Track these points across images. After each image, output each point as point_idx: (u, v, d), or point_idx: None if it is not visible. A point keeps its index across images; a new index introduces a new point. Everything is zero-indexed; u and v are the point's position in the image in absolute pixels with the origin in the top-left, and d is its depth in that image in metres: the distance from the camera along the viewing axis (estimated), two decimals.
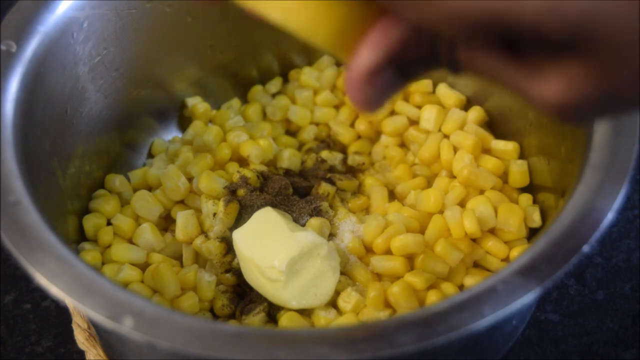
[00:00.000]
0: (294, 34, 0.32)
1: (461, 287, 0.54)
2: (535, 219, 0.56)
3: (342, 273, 0.55)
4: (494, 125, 0.63)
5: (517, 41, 0.27)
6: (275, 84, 0.69)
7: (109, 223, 0.59)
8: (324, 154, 0.63)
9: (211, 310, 0.56)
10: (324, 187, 0.59)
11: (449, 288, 0.53)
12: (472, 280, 0.54)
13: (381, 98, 0.32)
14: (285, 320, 0.52)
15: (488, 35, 0.27)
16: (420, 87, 0.65)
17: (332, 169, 0.63)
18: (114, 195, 0.60)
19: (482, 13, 0.26)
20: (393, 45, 0.30)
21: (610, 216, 0.42)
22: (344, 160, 0.64)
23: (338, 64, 0.69)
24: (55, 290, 0.40)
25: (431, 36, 0.30)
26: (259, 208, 0.56)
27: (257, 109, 0.67)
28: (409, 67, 0.31)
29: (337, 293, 0.54)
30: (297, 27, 0.32)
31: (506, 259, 0.55)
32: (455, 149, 0.60)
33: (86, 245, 0.57)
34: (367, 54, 0.30)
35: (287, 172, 0.62)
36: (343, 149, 0.65)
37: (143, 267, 0.56)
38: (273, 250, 0.52)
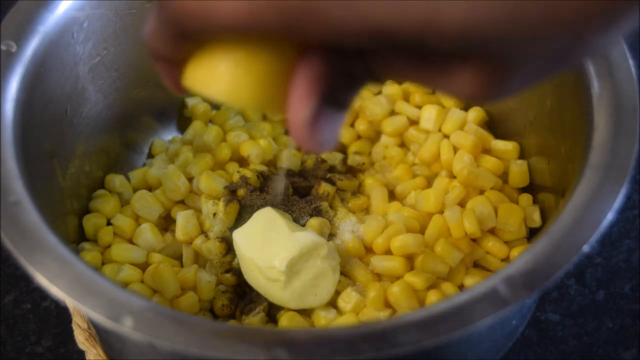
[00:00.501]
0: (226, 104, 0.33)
1: (461, 287, 0.54)
2: (535, 219, 0.56)
3: (342, 273, 0.55)
4: (494, 125, 0.63)
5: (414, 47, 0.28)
6: None
7: (109, 223, 0.59)
8: (324, 154, 0.63)
9: (211, 310, 0.56)
10: (324, 187, 0.59)
11: (449, 288, 0.53)
12: (472, 280, 0.54)
13: (331, 135, 0.32)
14: (285, 320, 0.52)
15: (387, 45, 0.28)
16: (420, 87, 0.65)
17: (332, 169, 0.63)
18: (114, 195, 0.60)
19: (370, 27, 0.27)
20: (319, 84, 0.30)
21: (610, 216, 0.42)
22: (344, 160, 0.64)
23: None
24: (55, 290, 0.40)
25: (344, 58, 0.31)
26: (259, 208, 0.56)
27: None
28: (341, 96, 0.32)
29: (337, 293, 0.54)
30: (223, 99, 0.32)
31: (506, 259, 0.55)
32: (455, 149, 0.60)
33: (86, 245, 0.57)
34: (301, 104, 0.31)
35: (287, 172, 0.62)
36: (343, 149, 0.65)
37: (143, 267, 0.56)
38: (273, 250, 0.52)
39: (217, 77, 0.32)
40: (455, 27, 0.26)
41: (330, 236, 0.57)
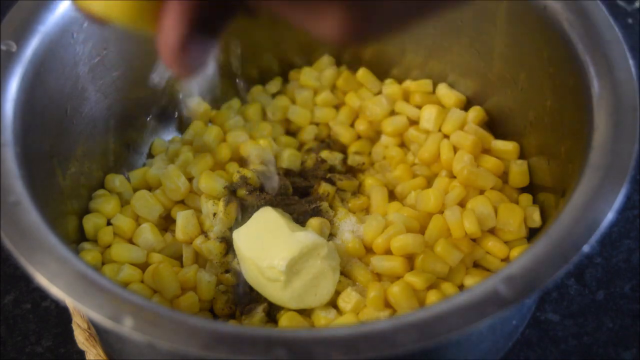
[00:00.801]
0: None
1: (461, 287, 0.54)
2: (535, 219, 0.56)
3: (342, 273, 0.55)
4: (494, 125, 0.63)
5: None
6: (275, 84, 0.69)
7: (109, 223, 0.59)
8: (324, 154, 0.63)
9: (211, 310, 0.56)
10: (324, 187, 0.59)
11: (449, 288, 0.53)
12: (472, 280, 0.54)
13: (200, 61, 0.33)
14: (285, 320, 0.52)
15: None
16: (420, 87, 0.65)
17: (332, 169, 0.63)
18: (114, 195, 0.60)
19: None
20: (190, 10, 0.31)
21: (610, 216, 0.42)
22: (344, 160, 0.64)
23: (338, 64, 0.69)
24: (55, 290, 0.40)
25: None
26: (259, 208, 0.56)
27: (257, 109, 0.67)
28: (212, 24, 0.32)
29: (337, 293, 0.54)
30: (97, 13, 0.33)
31: (506, 259, 0.55)
32: (455, 149, 0.60)
33: (86, 245, 0.57)
34: (171, 28, 0.31)
35: (287, 172, 0.62)
36: (343, 149, 0.65)
37: (143, 267, 0.56)
38: (273, 250, 0.52)
39: None
40: None
41: (330, 236, 0.57)
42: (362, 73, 0.67)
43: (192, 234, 0.57)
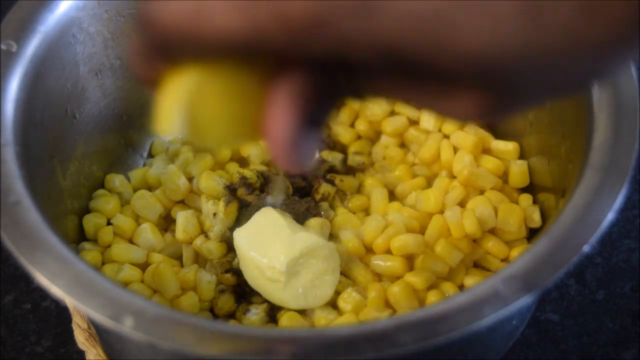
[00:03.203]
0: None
1: (461, 287, 0.54)
2: (535, 219, 0.56)
3: (342, 273, 0.55)
4: (494, 125, 0.63)
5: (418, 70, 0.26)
6: None
7: (109, 223, 0.59)
8: (324, 154, 0.63)
9: (211, 310, 0.56)
10: (324, 187, 0.59)
11: (449, 288, 0.53)
12: (472, 280, 0.54)
13: (309, 153, 0.31)
14: (285, 320, 0.52)
15: (393, 63, 0.26)
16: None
17: (332, 169, 0.63)
18: (114, 195, 0.60)
19: (381, 44, 0.25)
20: (300, 102, 0.29)
21: (610, 216, 0.42)
22: (344, 160, 0.64)
23: None
24: (55, 290, 0.40)
25: (329, 73, 0.29)
26: (259, 208, 0.56)
27: None
28: (318, 116, 0.30)
29: (337, 293, 0.54)
30: (210, 144, 0.31)
31: (506, 259, 0.55)
32: (455, 149, 0.60)
33: (86, 245, 0.57)
34: (281, 124, 0.29)
35: (287, 172, 0.62)
36: (343, 149, 0.65)
37: (143, 267, 0.56)
38: (273, 250, 0.52)
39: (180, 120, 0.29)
40: (473, 52, 0.24)
41: (330, 236, 0.57)
42: None
43: (192, 234, 0.57)
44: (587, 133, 0.47)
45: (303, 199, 0.59)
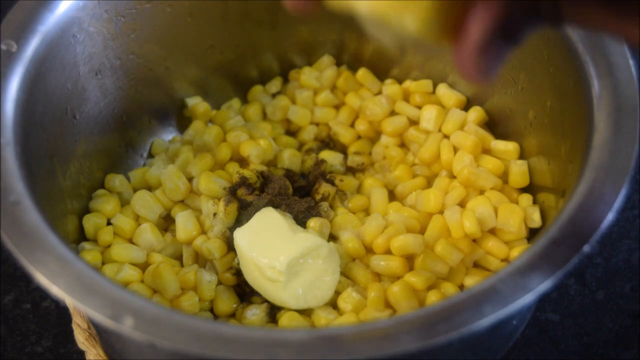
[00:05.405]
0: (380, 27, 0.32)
1: (461, 287, 0.54)
2: (535, 219, 0.56)
3: (342, 273, 0.55)
4: (494, 125, 0.63)
5: None
6: (275, 84, 0.69)
7: (109, 223, 0.59)
8: (324, 154, 0.63)
9: (211, 310, 0.56)
10: (324, 187, 0.59)
11: (449, 288, 0.53)
12: (472, 280, 0.54)
13: (495, 67, 0.32)
14: (285, 320, 0.52)
15: None
16: (420, 87, 0.65)
17: (332, 169, 0.63)
18: (114, 195, 0.60)
19: None
20: (499, 13, 0.30)
21: (610, 216, 0.42)
22: (344, 160, 0.64)
23: (338, 64, 0.69)
24: (55, 290, 0.40)
25: None
26: (259, 208, 0.56)
27: (257, 109, 0.67)
28: (515, 30, 0.31)
29: (337, 293, 0.54)
30: (387, 18, 0.32)
31: (506, 259, 0.55)
32: (455, 149, 0.60)
33: (86, 245, 0.57)
34: (476, 28, 0.30)
35: (287, 172, 0.62)
36: (343, 149, 0.65)
37: (143, 267, 0.56)
38: (274, 250, 0.52)
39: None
40: None
41: (330, 236, 0.57)
42: (362, 73, 0.67)
43: (192, 234, 0.57)
44: (587, 133, 0.47)
45: (303, 199, 0.59)
